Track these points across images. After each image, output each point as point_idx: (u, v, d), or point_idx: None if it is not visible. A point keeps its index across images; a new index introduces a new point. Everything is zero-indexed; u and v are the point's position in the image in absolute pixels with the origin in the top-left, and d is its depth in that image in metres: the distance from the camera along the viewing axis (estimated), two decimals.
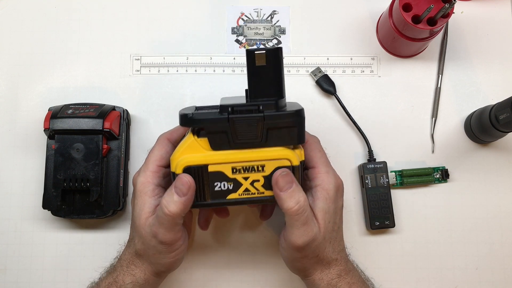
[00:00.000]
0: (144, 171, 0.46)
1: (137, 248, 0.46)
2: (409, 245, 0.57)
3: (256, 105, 0.42)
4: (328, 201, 0.45)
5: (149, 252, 0.45)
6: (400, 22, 0.54)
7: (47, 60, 0.60)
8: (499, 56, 0.60)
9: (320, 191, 0.45)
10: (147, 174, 0.46)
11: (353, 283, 0.47)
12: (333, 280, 0.46)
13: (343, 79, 0.59)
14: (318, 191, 0.45)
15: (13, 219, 0.57)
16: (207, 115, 0.42)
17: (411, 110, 0.59)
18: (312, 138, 0.48)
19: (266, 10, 0.61)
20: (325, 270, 0.46)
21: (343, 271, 0.47)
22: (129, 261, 0.47)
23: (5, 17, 0.60)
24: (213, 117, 0.42)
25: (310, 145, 0.47)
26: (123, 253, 0.48)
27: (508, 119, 0.50)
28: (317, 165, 0.46)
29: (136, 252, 0.46)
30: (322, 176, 0.45)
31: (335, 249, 0.46)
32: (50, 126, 0.52)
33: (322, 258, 0.45)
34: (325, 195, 0.45)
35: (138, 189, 0.46)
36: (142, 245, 0.45)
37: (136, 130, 0.59)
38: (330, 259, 0.46)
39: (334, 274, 0.46)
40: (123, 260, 0.47)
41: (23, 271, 0.56)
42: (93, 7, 0.61)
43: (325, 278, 0.46)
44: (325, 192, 0.45)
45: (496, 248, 0.57)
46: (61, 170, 0.52)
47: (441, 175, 0.57)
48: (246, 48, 0.43)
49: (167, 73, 0.60)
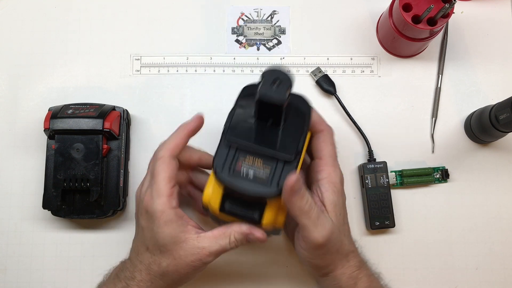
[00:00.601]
0: (159, 197, 0.44)
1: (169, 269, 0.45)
2: (409, 245, 0.57)
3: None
4: (336, 193, 0.45)
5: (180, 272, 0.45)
6: (400, 22, 0.54)
7: (47, 60, 0.60)
8: (499, 56, 0.60)
9: (328, 184, 0.45)
10: (163, 200, 0.44)
11: (371, 275, 0.47)
12: (354, 272, 0.46)
13: (343, 79, 0.59)
14: (327, 183, 0.45)
15: (13, 219, 0.57)
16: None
17: (411, 110, 0.59)
18: (327, 129, 0.47)
19: (266, 10, 0.61)
20: (346, 264, 0.46)
21: (361, 262, 0.47)
22: (148, 281, 0.45)
23: (5, 17, 0.60)
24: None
25: (323, 135, 0.47)
26: (138, 272, 0.46)
27: (508, 119, 0.50)
28: (324, 157, 0.46)
29: (162, 273, 0.45)
30: (329, 169, 0.45)
31: (350, 241, 0.47)
32: (50, 126, 0.52)
33: (341, 251, 0.45)
34: (333, 188, 0.45)
35: (156, 217, 0.44)
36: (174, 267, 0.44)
37: (136, 130, 0.58)
38: (348, 251, 0.46)
39: (354, 266, 0.46)
40: (139, 280, 0.45)
41: (23, 271, 0.56)
42: (93, 7, 0.61)
43: (346, 272, 0.46)
44: (333, 185, 0.45)
45: (496, 248, 0.57)
46: (61, 170, 0.52)
47: (441, 175, 0.57)
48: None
49: (167, 73, 0.60)
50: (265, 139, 0.43)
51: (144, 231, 0.46)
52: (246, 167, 0.43)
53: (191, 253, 0.44)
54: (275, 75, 0.41)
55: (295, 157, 0.43)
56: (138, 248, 0.47)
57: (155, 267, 0.45)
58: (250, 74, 0.60)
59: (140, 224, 0.46)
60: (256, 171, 0.43)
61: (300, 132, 0.44)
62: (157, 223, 0.44)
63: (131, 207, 0.57)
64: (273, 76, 0.41)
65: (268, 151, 0.43)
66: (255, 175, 0.43)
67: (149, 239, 0.45)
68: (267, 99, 0.41)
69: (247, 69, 0.60)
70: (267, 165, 0.43)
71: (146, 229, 0.45)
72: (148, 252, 0.46)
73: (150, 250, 0.45)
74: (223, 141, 0.44)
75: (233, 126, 0.44)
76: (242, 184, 0.42)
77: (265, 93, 0.41)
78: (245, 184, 0.42)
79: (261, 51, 0.60)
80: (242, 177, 0.42)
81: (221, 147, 0.43)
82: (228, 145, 0.43)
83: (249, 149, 0.43)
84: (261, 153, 0.43)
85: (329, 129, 0.47)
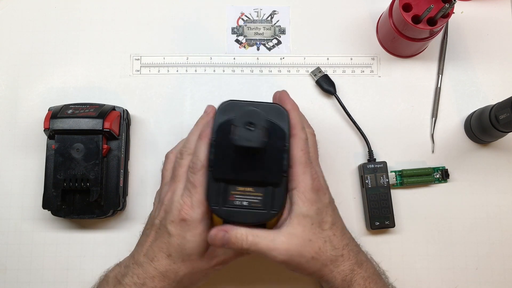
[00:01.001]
0: (199, 207, 0.44)
1: (184, 278, 0.45)
2: (409, 245, 0.57)
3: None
4: (306, 203, 0.43)
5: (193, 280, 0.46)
6: (400, 22, 0.54)
7: (47, 60, 0.60)
8: (499, 56, 0.60)
9: (296, 195, 0.44)
10: (203, 211, 0.44)
11: (368, 277, 0.46)
12: (347, 276, 0.45)
13: (343, 79, 0.59)
14: (295, 194, 0.44)
15: (13, 219, 0.57)
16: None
17: (411, 110, 0.59)
18: (298, 134, 0.45)
19: (266, 10, 0.61)
20: (334, 269, 0.45)
21: (355, 264, 0.45)
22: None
23: (5, 17, 0.60)
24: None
25: (294, 141, 0.45)
26: (150, 279, 0.45)
27: (508, 119, 0.50)
28: (294, 165, 0.44)
29: (177, 281, 0.45)
30: (298, 178, 0.44)
31: (335, 246, 0.45)
32: (50, 126, 0.52)
33: (321, 259, 0.44)
34: (302, 199, 0.43)
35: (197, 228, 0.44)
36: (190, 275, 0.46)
37: (136, 130, 0.58)
38: (333, 257, 0.44)
39: (346, 270, 0.45)
40: (151, 287, 0.45)
41: (23, 271, 0.56)
42: (93, 7, 0.61)
43: (337, 276, 0.45)
44: (302, 195, 0.43)
45: (496, 248, 0.57)
46: (61, 170, 0.52)
47: (441, 175, 0.57)
48: None
49: (167, 73, 0.60)
50: (250, 167, 0.44)
51: (173, 238, 0.44)
52: (239, 197, 0.44)
53: (208, 263, 0.46)
54: (248, 117, 0.40)
55: (282, 177, 0.44)
56: (154, 254, 0.45)
57: (171, 275, 0.45)
58: (250, 74, 0.60)
59: (168, 231, 0.45)
60: (249, 199, 0.44)
61: (282, 147, 0.44)
62: (193, 232, 0.44)
63: (131, 207, 0.57)
64: (246, 119, 0.40)
65: (256, 178, 0.44)
66: (250, 203, 0.44)
67: (175, 246, 0.44)
68: (245, 146, 0.40)
69: (247, 69, 0.60)
70: (258, 191, 0.44)
71: (176, 237, 0.44)
72: (169, 259, 0.45)
73: (172, 258, 0.44)
74: (211, 176, 0.44)
75: (217, 161, 0.44)
76: (240, 216, 0.44)
77: (241, 141, 0.40)
78: (242, 215, 0.44)
79: (261, 51, 0.60)
80: (237, 207, 0.44)
81: (211, 182, 0.44)
82: (217, 180, 0.44)
83: (237, 180, 0.44)
84: (250, 181, 0.44)
85: (301, 134, 0.45)
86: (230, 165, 0.43)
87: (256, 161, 0.43)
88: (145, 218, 0.50)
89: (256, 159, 0.43)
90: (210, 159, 0.44)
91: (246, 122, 0.40)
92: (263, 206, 0.44)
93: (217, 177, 0.44)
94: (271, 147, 0.43)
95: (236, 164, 0.43)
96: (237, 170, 0.43)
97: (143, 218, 0.52)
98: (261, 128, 0.40)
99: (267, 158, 0.43)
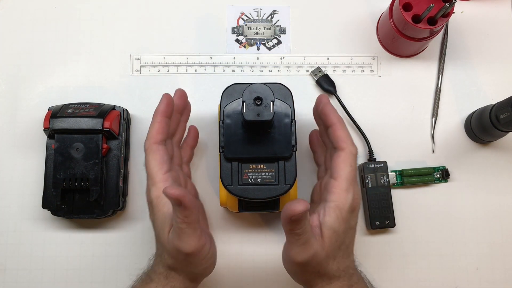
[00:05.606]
0: (154, 185, 0.44)
1: (169, 263, 0.45)
2: (409, 245, 0.57)
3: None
4: (339, 220, 0.43)
5: (180, 265, 0.44)
6: (400, 22, 0.54)
7: (47, 60, 0.60)
8: (499, 55, 0.60)
9: (334, 210, 0.43)
10: (158, 186, 0.44)
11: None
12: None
13: (343, 79, 0.59)
14: (332, 208, 0.43)
15: (12, 219, 0.57)
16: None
17: (411, 110, 0.59)
18: (350, 148, 0.44)
19: (266, 10, 0.61)
20: (326, 286, 0.44)
21: (345, 286, 0.45)
22: (165, 275, 0.45)
23: (5, 17, 0.60)
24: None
25: (344, 154, 0.44)
26: (156, 266, 0.46)
27: (509, 118, 0.50)
28: (339, 179, 0.43)
29: (168, 266, 0.45)
30: (340, 194, 0.43)
31: (339, 266, 0.44)
32: (50, 126, 0.52)
33: (323, 273, 0.44)
34: (338, 214, 0.43)
35: (154, 205, 0.44)
36: (171, 260, 0.44)
37: (136, 130, 0.58)
38: (332, 276, 0.44)
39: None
40: (159, 273, 0.45)
41: (23, 271, 0.56)
42: (93, 7, 0.61)
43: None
44: (339, 211, 0.43)
45: (496, 248, 0.56)
46: (61, 170, 0.52)
47: (441, 175, 0.57)
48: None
49: (167, 73, 0.60)
50: (260, 144, 0.46)
51: (153, 225, 0.46)
52: (252, 175, 0.46)
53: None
54: (255, 93, 0.43)
55: (291, 151, 0.46)
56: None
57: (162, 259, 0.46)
58: (250, 73, 0.60)
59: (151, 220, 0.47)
60: (262, 176, 0.46)
61: (288, 123, 0.46)
62: (155, 211, 0.45)
63: (130, 206, 0.57)
64: (254, 95, 0.43)
65: (266, 154, 0.45)
66: (262, 179, 0.46)
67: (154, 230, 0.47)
68: (255, 121, 0.43)
69: (247, 68, 0.60)
70: (270, 167, 0.46)
71: (152, 222, 0.46)
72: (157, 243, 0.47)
73: (157, 241, 0.47)
74: (223, 158, 0.46)
75: (227, 142, 0.46)
76: (254, 192, 0.45)
77: (251, 116, 0.42)
78: (256, 191, 0.45)
79: (261, 51, 0.60)
80: (251, 184, 0.45)
81: (223, 163, 0.46)
82: (229, 160, 0.46)
83: (249, 158, 0.46)
84: (261, 158, 0.46)
85: (352, 149, 0.44)
86: (240, 144, 0.45)
87: (265, 138, 0.45)
88: (144, 218, 0.50)
89: (265, 135, 0.45)
90: (220, 141, 0.46)
91: (253, 97, 0.43)
92: (276, 181, 0.46)
93: (228, 157, 0.45)
94: (278, 123, 0.46)
95: (246, 143, 0.45)
96: (248, 149, 0.45)
97: (143, 218, 0.52)
98: (269, 101, 0.43)
99: (276, 133, 0.45)
